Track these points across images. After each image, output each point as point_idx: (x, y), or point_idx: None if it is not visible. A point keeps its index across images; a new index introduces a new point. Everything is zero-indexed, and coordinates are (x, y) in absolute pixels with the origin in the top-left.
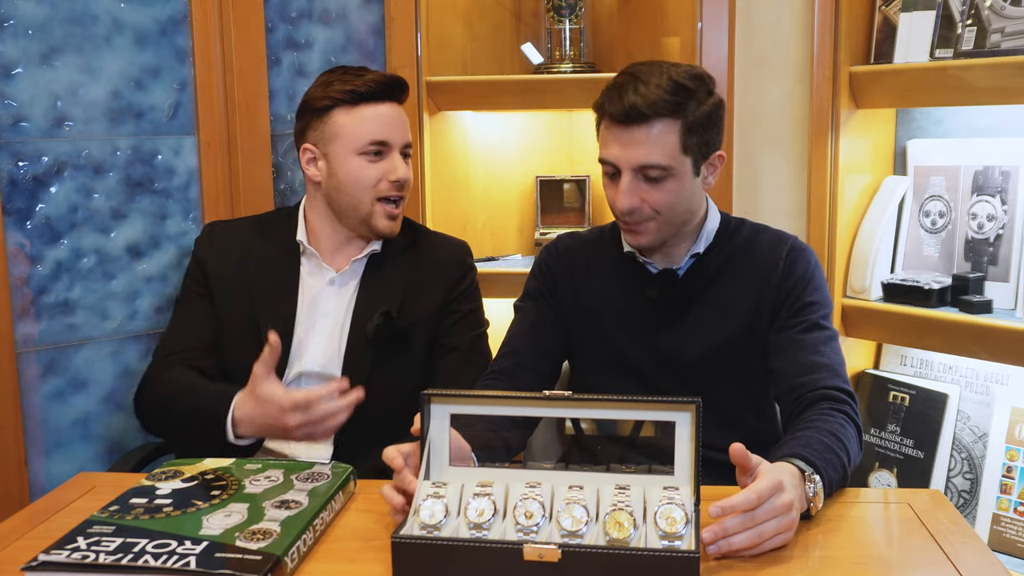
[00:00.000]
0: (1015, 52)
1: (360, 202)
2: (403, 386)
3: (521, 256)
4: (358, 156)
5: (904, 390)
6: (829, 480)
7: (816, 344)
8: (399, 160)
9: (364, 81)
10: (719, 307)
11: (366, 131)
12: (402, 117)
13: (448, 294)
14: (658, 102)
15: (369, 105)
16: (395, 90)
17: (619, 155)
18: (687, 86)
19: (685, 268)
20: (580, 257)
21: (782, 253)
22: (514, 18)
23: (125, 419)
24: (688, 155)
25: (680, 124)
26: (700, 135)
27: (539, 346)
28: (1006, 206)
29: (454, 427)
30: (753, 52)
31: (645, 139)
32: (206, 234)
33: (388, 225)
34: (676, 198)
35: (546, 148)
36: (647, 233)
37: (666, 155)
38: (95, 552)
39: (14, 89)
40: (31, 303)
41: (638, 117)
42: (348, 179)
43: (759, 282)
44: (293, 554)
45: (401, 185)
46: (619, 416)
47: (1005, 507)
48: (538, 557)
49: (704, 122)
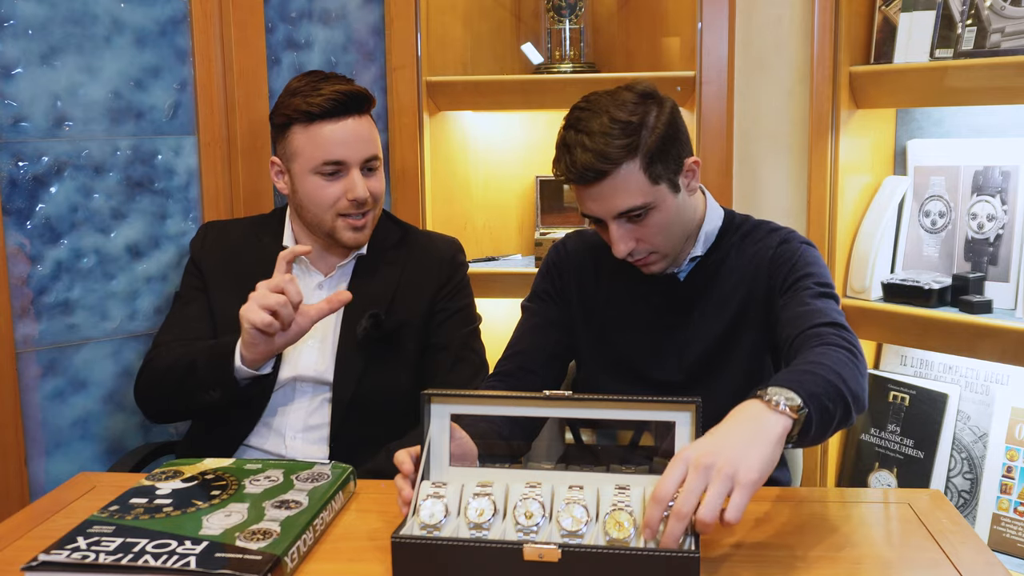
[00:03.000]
0: (1015, 52)
1: (321, 219)
2: (396, 387)
3: (521, 256)
4: (314, 175)
5: (904, 390)
6: (801, 387)
7: (806, 297)
8: (358, 177)
9: (320, 99)
10: (717, 304)
11: (321, 152)
12: (362, 132)
13: (437, 293)
14: (609, 153)
15: (325, 123)
16: (352, 105)
17: (596, 209)
18: (631, 121)
19: (686, 272)
20: (587, 257)
21: (773, 242)
22: (514, 18)
23: (125, 419)
24: (660, 183)
25: (639, 161)
26: (663, 161)
27: (545, 348)
28: (1006, 206)
29: (462, 426)
30: (753, 52)
31: (612, 190)
32: (201, 235)
33: (353, 237)
34: (666, 225)
35: (546, 148)
36: (656, 263)
37: (639, 194)
38: (95, 552)
39: (14, 89)
40: (31, 303)
41: (595, 175)
42: (307, 198)
43: (751, 273)
44: (293, 554)
45: (361, 203)
46: (619, 416)
47: (1005, 507)
48: (538, 557)
49: (662, 146)
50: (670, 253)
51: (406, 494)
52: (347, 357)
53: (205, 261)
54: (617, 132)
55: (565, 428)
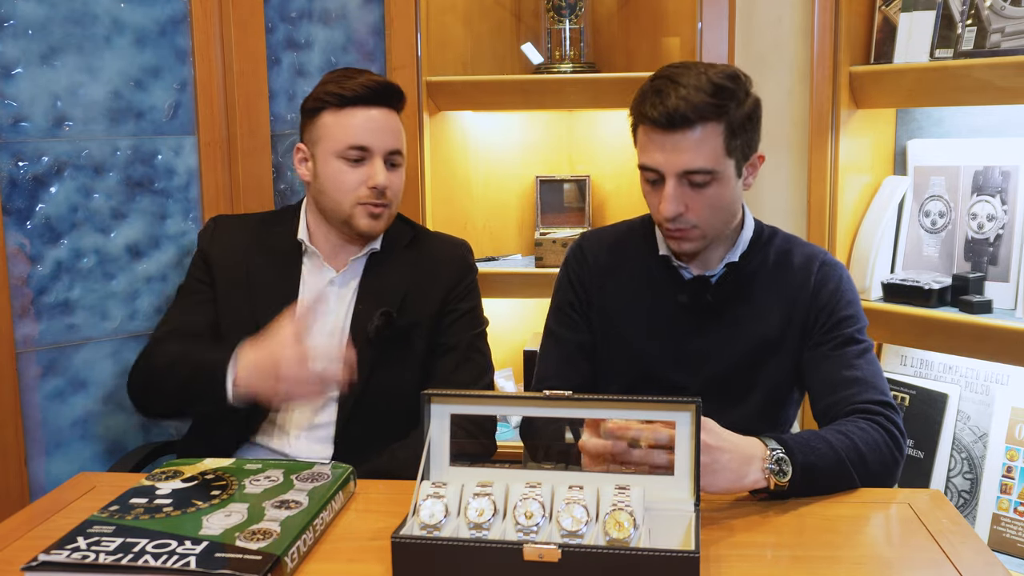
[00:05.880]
0: (1015, 52)
1: (340, 205)
2: (403, 386)
3: (521, 256)
4: (338, 159)
5: (904, 390)
6: (804, 458)
7: (850, 358)
8: (380, 166)
9: (353, 84)
10: (750, 318)
11: (347, 135)
12: (390, 124)
13: (448, 293)
14: (701, 105)
15: (356, 109)
16: (385, 96)
17: (663, 161)
18: (727, 86)
19: (719, 275)
20: (609, 256)
21: (813, 268)
22: (514, 18)
23: (125, 419)
24: (732, 157)
25: (723, 126)
26: (742, 136)
27: (572, 379)
28: (1006, 206)
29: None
30: (753, 52)
31: (689, 144)
32: (209, 227)
33: (369, 224)
34: (720, 203)
35: (546, 148)
36: (692, 240)
37: (711, 159)
38: (95, 552)
39: (14, 89)
40: (31, 303)
41: (682, 121)
42: (328, 182)
43: (791, 297)
44: (293, 554)
45: (381, 192)
46: (619, 416)
47: (1005, 507)
48: (538, 557)
49: (745, 122)
50: (709, 234)
51: None
52: (356, 354)
53: (213, 254)
54: (713, 91)
55: (565, 428)
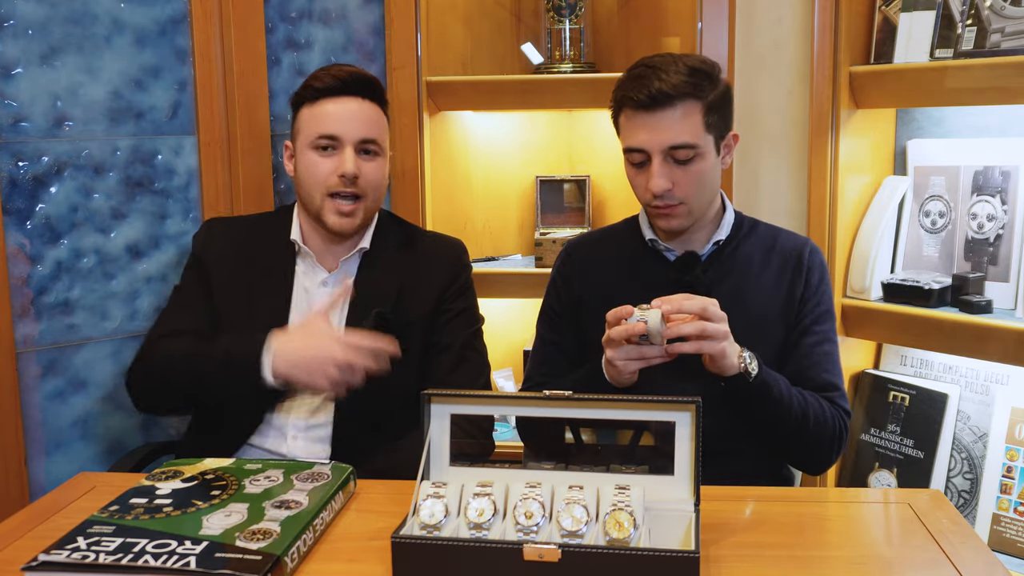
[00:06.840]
0: (1015, 52)
1: (312, 197)
2: (399, 386)
3: (521, 256)
4: (312, 150)
5: (904, 390)
6: (765, 375)
7: (824, 363)
8: (350, 154)
9: (324, 75)
10: (742, 298)
11: (317, 125)
12: (363, 113)
13: (442, 293)
14: (680, 84)
15: (328, 100)
16: (356, 86)
17: (648, 139)
18: (702, 69)
19: (707, 255)
20: (596, 253)
21: (805, 253)
22: (514, 18)
23: (125, 419)
24: (711, 133)
25: (701, 104)
26: (718, 113)
27: (553, 380)
28: (1006, 206)
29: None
30: (753, 52)
31: (672, 121)
32: (204, 230)
33: (338, 222)
34: (704, 179)
35: (546, 148)
36: (679, 216)
37: (693, 134)
38: (95, 552)
39: (14, 89)
40: (31, 303)
41: (663, 100)
42: (303, 173)
43: (787, 279)
44: (293, 554)
45: (351, 180)
46: (619, 416)
47: (1005, 507)
48: (538, 557)
49: (720, 101)
50: (695, 211)
51: None
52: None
53: (208, 257)
54: (689, 72)
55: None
